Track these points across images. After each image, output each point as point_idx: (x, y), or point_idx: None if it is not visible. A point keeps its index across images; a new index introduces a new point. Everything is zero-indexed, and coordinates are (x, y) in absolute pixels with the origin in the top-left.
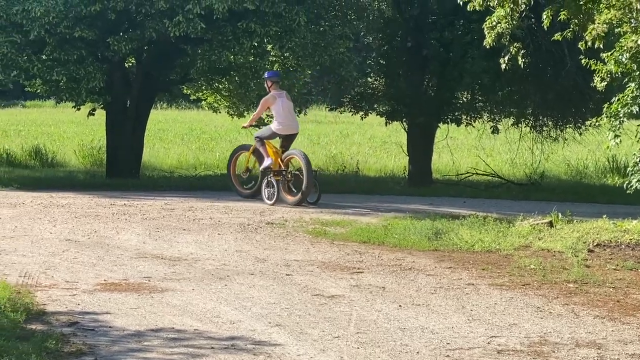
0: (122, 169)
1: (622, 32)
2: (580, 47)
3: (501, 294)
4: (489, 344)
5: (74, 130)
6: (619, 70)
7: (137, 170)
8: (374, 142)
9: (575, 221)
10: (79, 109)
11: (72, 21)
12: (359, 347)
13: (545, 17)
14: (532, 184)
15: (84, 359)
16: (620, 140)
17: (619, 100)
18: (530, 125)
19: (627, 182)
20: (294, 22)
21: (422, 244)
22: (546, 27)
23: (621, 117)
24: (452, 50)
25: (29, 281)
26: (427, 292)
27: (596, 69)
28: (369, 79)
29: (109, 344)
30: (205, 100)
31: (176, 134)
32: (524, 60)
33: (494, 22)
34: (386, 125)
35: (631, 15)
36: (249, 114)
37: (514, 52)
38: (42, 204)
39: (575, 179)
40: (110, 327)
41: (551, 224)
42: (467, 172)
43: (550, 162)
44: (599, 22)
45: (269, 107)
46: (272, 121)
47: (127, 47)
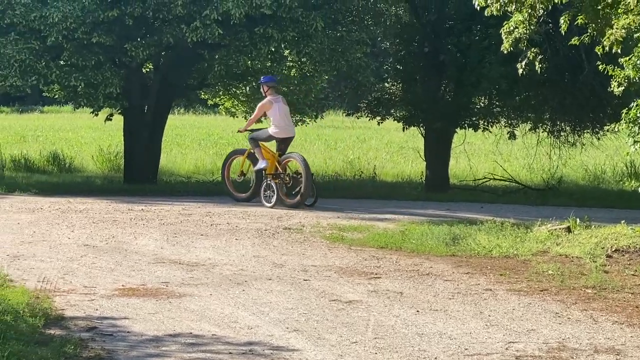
0: (139, 174)
1: None
2: (597, 52)
3: (519, 299)
4: (507, 349)
5: (92, 135)
6: (637, 75)
7: (154, 175)
8: (391, 147)
9: (593, 226)
10: (96, 115)
11: (90, 27)
12: (376, 353)
13: (562, 21)
14: (550, 189)
15: None
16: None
17: (637, 105)
18: (547, 130)
19: None
20: (311, 28)
21: (440, 249)
22: (564, 32)
23: None
24: (469, 55)
25: (47, 286)
26: (445, 298)
27: (614, 74)
28: (386, 84)
29: (127, 349)
30: (222, 105)
31: (193, 139)
32: (542, 65)
33: (512, 27)
34: (403, 130)
35: None
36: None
37: (531, 57)
38: (60, 209)
39: (593, 184)
40: (128, 332)
41: (569, 230)
42: (485, 178)
43: (567, 167)
44: (617, 27)
45: (265, 112)
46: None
47: (144, 53)
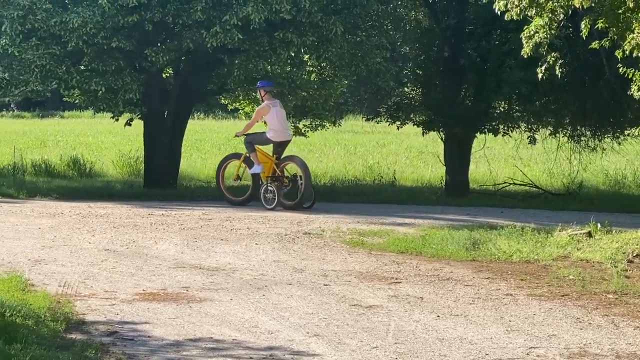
0: (159, 179)
1: None
2: (618, 56)
3: (540, 304)
4: (527, 354)
5: (112, 140)
6: None
7: (174, 180)
8: (410, 152)
9: (614, 231)
10: (117, 120)
11: (110, 32)
12: (397, 358)
13: (583, 26)
14: (570, 194)
15: None
16: None
17: None
18: (568, 135)
19: None
20: (331, 32)
21: (460, 254)
22: (585, 36)
23: None
24: (489, 60)
25: (68, 291)
26: (466, 303)
27: (634, 78)
28: (405, 89)
29: (148, 353)
30: (242, 110)
31: (213, 144)
32: (562, 69)
33: (532, 32)
34: (423, 135)
35: None
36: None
37: (551, 62)
38: (81, 214)
39: (613, 189)
40: (149, 336)
41: (590, 235)
42: (505, 182)
43: (588, 172)
44: (638, 31)
45: (262, 116)
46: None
47: (164, 58)
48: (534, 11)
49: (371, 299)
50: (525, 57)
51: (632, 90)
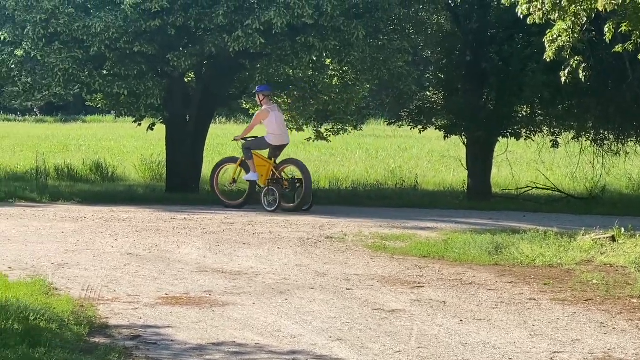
0: (182, 183)
1: None
2: None
3: (563, 309)
4: (551, 359)
5: (134, 144)
6: None
7: (196, 184)
8: (432, 156)
9: (637, 235)
10: (140, 125)
11: (132, 36)
12: None
13: (607, 29)
14: (593, 198)
15: None
16: None
17: None
18: (591, 139)
19: None
20: (353, 36)
21: (483, 258)
22: (608, 39)
23: None
24: (511, 64)
25: (91, 295)
26: (489, 307)
27: None
28: (427, 93)
29: (171, 357)
30: None
31: (235, 148)
32: (585, 73)
33: (555, 36)
34: (445, 139)
35: None
36: (307, 128)
37: (574, 66)
38: (104, 218)
39: (637, 192)
40: (172, 340)
41: (613, 239)
42: (527, 186)
43: (611, 176)
44: None
45: (261, 121)
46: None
47: (186, 63)
48: (557, 15)
49: (394, 303)
50: (547, 60)
51: None
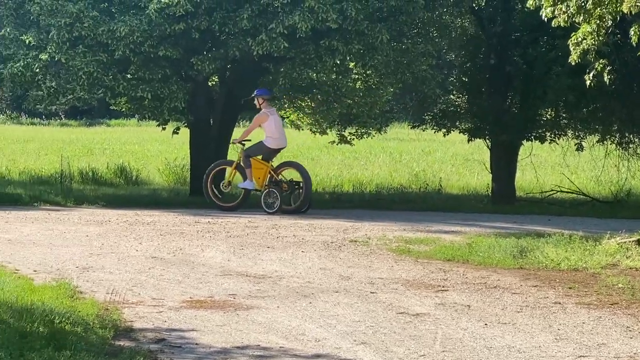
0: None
1: None
2: None
3: (589, 313)
4: None
5: (158, 148)
6: None
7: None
8: (456, 160)
9: None
10: (164, 129)
11: (157, 40)
12: None
13: (632, 32)
14: (619, 201)
15: None
16: None
17: None
18: (616, 142)
19: None
20: (377, 40)
21: (507, 262)
22: (634, 42)
23: None
24: (535, 67)
25: (116, 298)
26: (513, 311)
27: None
28: (451, 96)
29: None
30: (287, 117)
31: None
32: (610, 76)
33: (580, 39)
34: (469, 142)
35: None
36: (331, 131)
37: (599, 69)
38: (128, 222)
39: None
40: (196, 344)
41: (639, 242)
42: (552, 190)
43: (636, 179)
44: None
45: (260, 124)
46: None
47: (210, 67)
48: (582, 18)
49: (418, 307)
50: (572, 64)
51: None
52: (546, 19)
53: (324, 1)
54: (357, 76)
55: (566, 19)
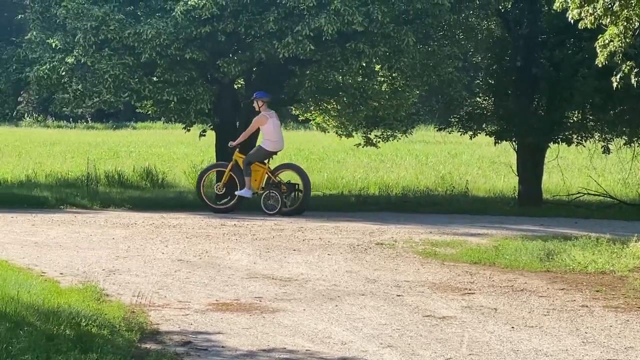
0: (233, 189)
1: None
2: None
3: (616, 316)
4: None
5: (184, 151)
6: None
7: None
8: (482, 162)
9: None
10: (188, 130)
11: (183, 43)
12: None
13: None
14: None
15: None
16: None
17: None
18: None
19: None
20: (403, 42)
21: (534, 265)
22: None
23: None
24: (562, 69)
25: (142, 301)
26: (540, 314)
27: None
28: (477, 99)
29: None
30: (313, 120)
31: (284, 154)
32: (637, 79)
33: (606, 41)
34: (495, 145)
35: None
36: (357, 134)
37: (626, 71)
38: (154, 225)
39: None
40: (222, 346)
41: None
42: (578, 193)
43: None
44: None
45: (259, 127)
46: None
47: (236, 69)
48: (609, 19)
49: (444, 310)
50: (599, 66)
51: None
52: (573, 21)
53: (349, 4)
54: (383, 79)
55: (593, 21)
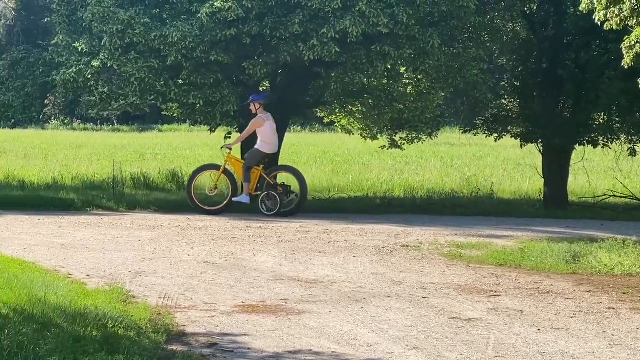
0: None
1: None
2: None
3: None
4: None
5: (209, 153)
6: None
7: None
8: (508, 164)
9: None
10: (213, 132)
11: (208, 45)
12: None
13: None
14: None
15: None
16: None
17: None
18: None
19: None
20: (428, 45)
21: (560, 267)
22: None
23: None
24: (588, 71)
25: (168, 302)
26: (566, 316)
27: None
28: (503, 101)
29: None
30: (338, 122)
31: (310, 156)
32: None
33: (633, 42)
34: (521, 147)
35: None
36: (382, 136)
37: None
38: (180, 227)
39: None
40: (248, 348)
41: None
42: (604, 195)
43: None
44: None
45: (256, 129)
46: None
47: (262, 71)
48: (635, 21)
49: (470, 312)
50: (625, 68)
51: None
52: (599, 23)
53: (375, 6)
54: (408, 81)
55: (619, 22)
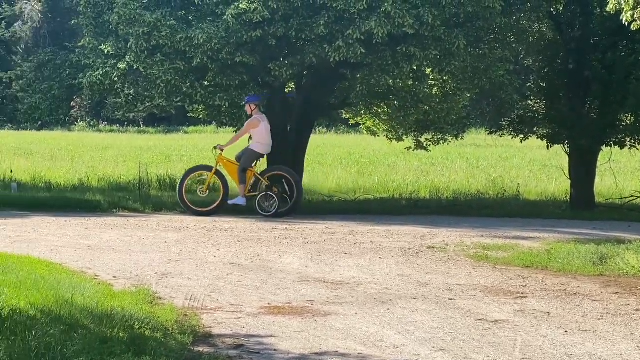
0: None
1: None
2: None
3: None
4: None
5: (235, 154)
6: None
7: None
8: (534, 166)
9: None
10: (235, 132)
11: (234, 47)
12: None
13: None
14: None
15: None
16: None
17: None
18: None
19: None
20: (454, 46)
21: (587, 268)
22: None
23: None
24: (614, 71)
25: (194, 304)
26: (594, 318)
27: None
28: (529, 102)
29: None
30: (364, 124)
31: (335, 158)
32: None
33: None
34: (548, 148)
35: None
36: (407, 138)
37: None
38: (206, 228)
39: None
40: (275, 350)
41: None
42: (632, 196)
43: None
44: None
45: (251, 130)
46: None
47: (287, 73)
48: None
49: (497, 314)
50: None
51: None
52: (626, 23)
53: (400, 7)
54: (433, 82)
55: None
